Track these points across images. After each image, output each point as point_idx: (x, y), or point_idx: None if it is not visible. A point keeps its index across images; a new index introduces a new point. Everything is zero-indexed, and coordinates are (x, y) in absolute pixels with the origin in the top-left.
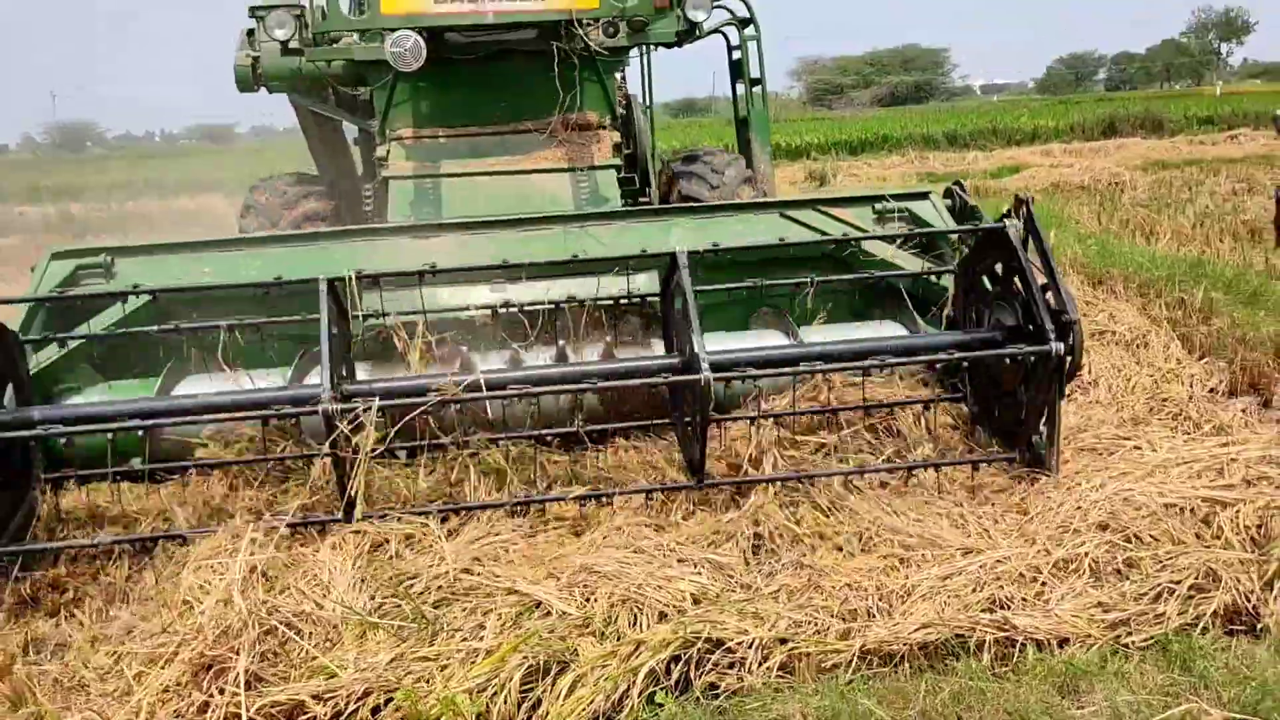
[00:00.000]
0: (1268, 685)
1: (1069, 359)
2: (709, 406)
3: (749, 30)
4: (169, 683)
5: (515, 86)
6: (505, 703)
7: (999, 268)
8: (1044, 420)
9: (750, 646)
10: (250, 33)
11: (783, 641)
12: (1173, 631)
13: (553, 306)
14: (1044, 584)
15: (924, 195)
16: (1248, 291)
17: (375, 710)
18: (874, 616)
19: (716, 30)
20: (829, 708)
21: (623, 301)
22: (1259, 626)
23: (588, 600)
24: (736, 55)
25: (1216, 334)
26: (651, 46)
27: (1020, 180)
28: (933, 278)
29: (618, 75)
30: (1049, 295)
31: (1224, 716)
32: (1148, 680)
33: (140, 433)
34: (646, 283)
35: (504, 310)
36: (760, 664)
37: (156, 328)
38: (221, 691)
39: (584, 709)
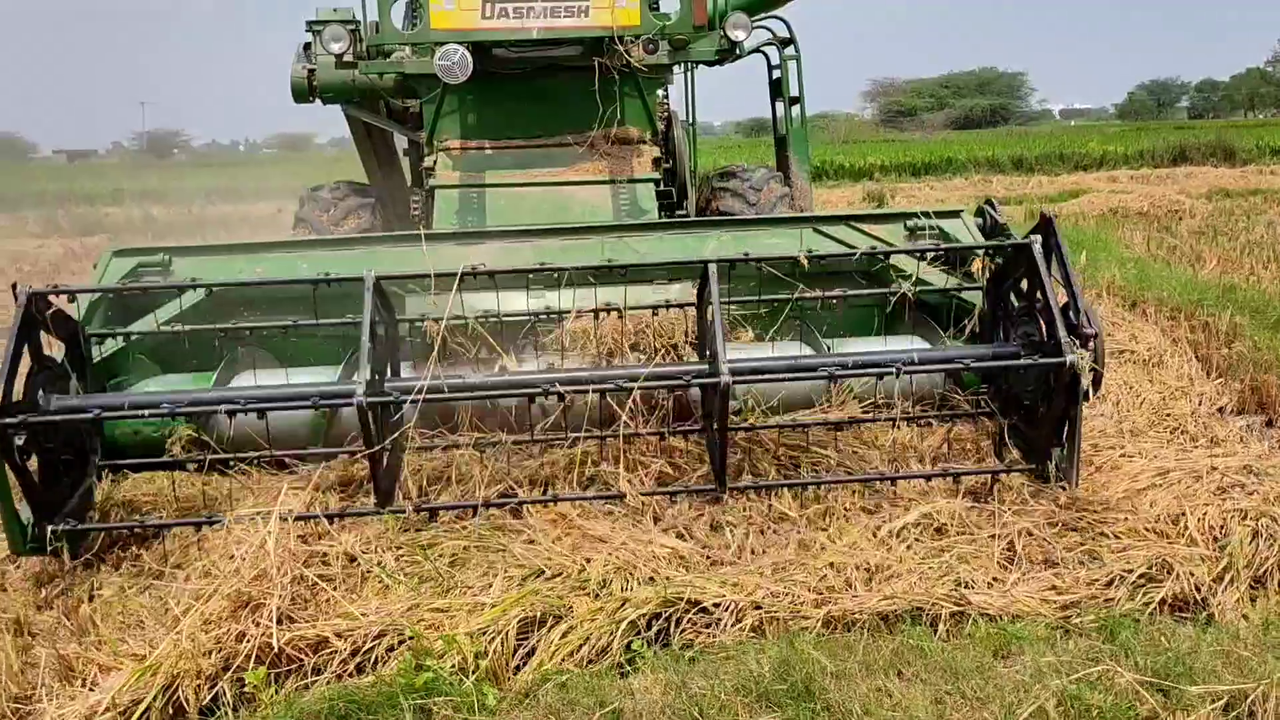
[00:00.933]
0: (1180, 654)
1: (1088, 372)
2: (727, 410)
3: (789, 50)
4: (210, 615)
5: (558, 100)
6: (503, 646)
7: (1024, 285)
8: (1064, 434)
9: (726, 609)
10: (307, 46)
11: (757, 607)
12: (1120, 614)
13: (591, 314)
14: (1007, 570)
15: (955, 214)
16: (1275, 317)
17: (389, 649)
18: (845, 590)
19: (757, 50)
20: (782, 657)
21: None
22: (1206, 615)
23: (586, 565)
24: (777, 75)
25: (1236, 356)
26: (693, 64)
27: (1080, 205)
28: (962, 295)
29: (660, 92)
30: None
31: (1135, 678)
32: (1073, 646)
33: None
34: (679, 293)
35: (542, 316)
36: (734, 624)
37: (213, 326)
38: (256, 624)
39: (571, 653)
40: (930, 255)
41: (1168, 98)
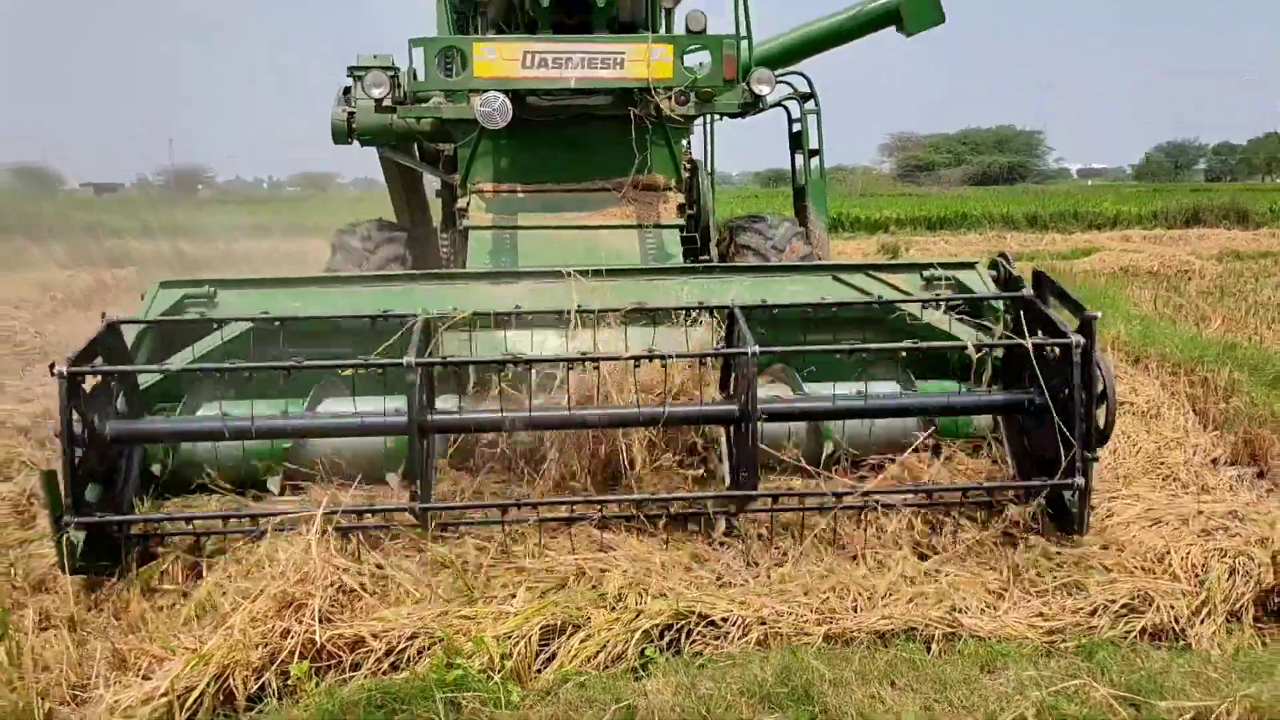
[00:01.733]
0: (1153, 673)
1: (1099, 418)
2: (756, 448)
3: (809, 105)
4: (257, 613)
5: (589, 147)
6: (526, 649)
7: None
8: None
9: (733, 623)
10: (347, 90)
11: (762, 622)
12: (1102, 640)
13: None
14: (1000, 598)
15: (970, 265)
16: (1273, 374)
17: (421, 650)
18: (847, 614)
19: (779, 104)
20: (784, 665)
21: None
22: (1183, 645)
23: (602, 577)
24: (797, 128)
25: (1233, 411)
26: (716, 116)
27: (1091, 263)
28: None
29: (684, 141)
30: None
31: (1109, 692)
32: (1054, 664)
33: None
34: (701, 335)
35: (573, 357)
36: (740, 637)
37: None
38: (300, 622)
39: (589, 658)
40: (945, 305)
41: (1185, 160)
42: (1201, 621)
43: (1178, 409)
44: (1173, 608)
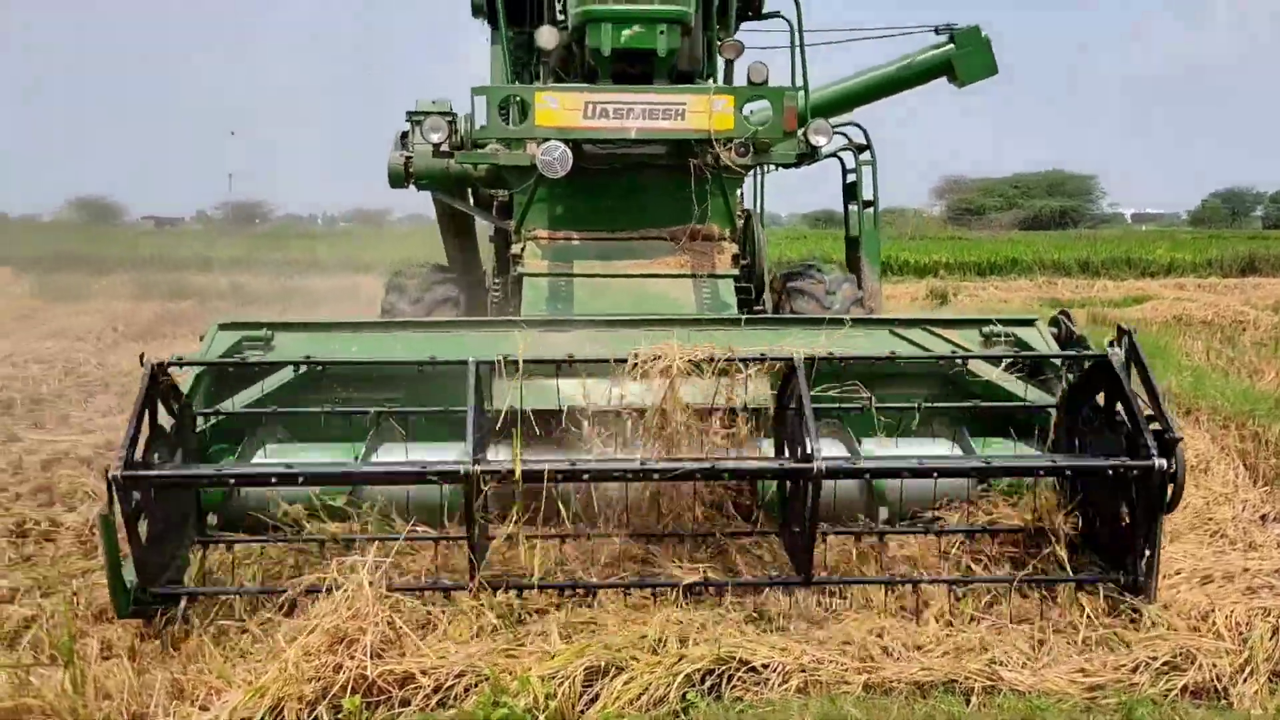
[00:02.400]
0: None
1: (1171, 478)
2: (818, 505)
3: (864, 156)
4: (310, 648)
5: (645, 196)
6: (570, 689)
7: (1101, 397)
8: (1145, 545)
9: (774, 670)
10: (404, 135)
11: (802, 669)
12: (1142, 698)
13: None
14: (1040, 651)
15: (1030, 322)
16: None
17: (468, 688)
18: (887, 663)
19: (834, 155)
20: (824, 713)
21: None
22: (1225, 704)
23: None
24: (851, 179)
25: None
26: (770, 166)
27: (1144, 311)
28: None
29: (738, 191)
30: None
31: None
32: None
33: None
34: (753, 389)
35: (625, 409)
36: (780, 684)
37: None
38: (352, 658)
39: (631, 701)
40: (1006, 362)
41: (1242, 206)
42: (1244, 680)
43: (1227, 464)
44: (1214, 665)
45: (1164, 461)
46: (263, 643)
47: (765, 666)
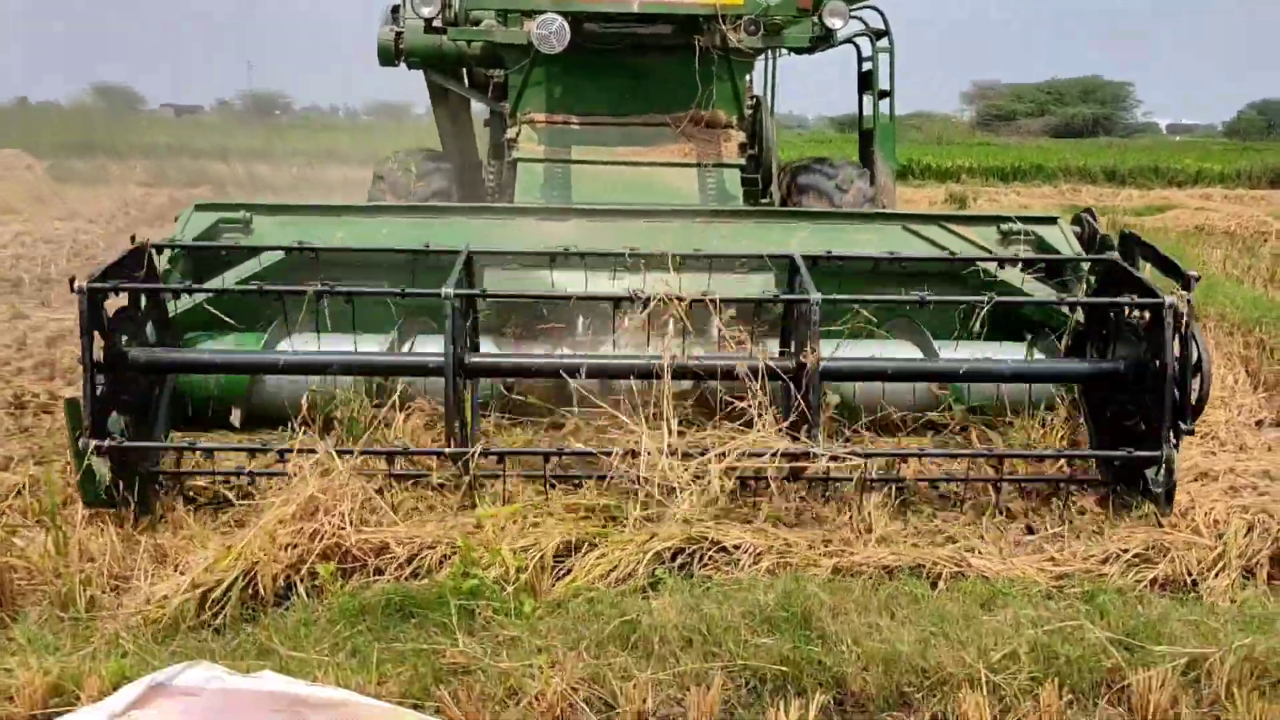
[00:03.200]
0: (1151, 619)
1: (1196, 389)
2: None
3: (882, 43)
4: (286, 516)
5: (648, 79)
6: (540, 563)
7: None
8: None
9: (745, 551)
10: (395, 9)
11: (774, 551)
12: (1108, 587)
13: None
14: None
15: (1052, 220)
16: None
17: (441, 559)
18: (858, 547)
19: (849, 40)
20: (787, 591)
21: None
22: (1194, 597)
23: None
24: (867, 66)
25: None
26: (782, 50)
27: (1165, 220)
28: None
29: (747, 76)
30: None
31: (1105, 635)
32: (1054, 606)
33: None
34: (761, 283)
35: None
36: (751, 564)
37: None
38: (329, 524)
39: (600, 575)
40: (1024, 263)
41: (1279, 119)
42: (1215, 575)
43: (1227, 368)
44: (1184, 559)
45: (1176, 299)
46: (249, 524)
47: (737, 548)
